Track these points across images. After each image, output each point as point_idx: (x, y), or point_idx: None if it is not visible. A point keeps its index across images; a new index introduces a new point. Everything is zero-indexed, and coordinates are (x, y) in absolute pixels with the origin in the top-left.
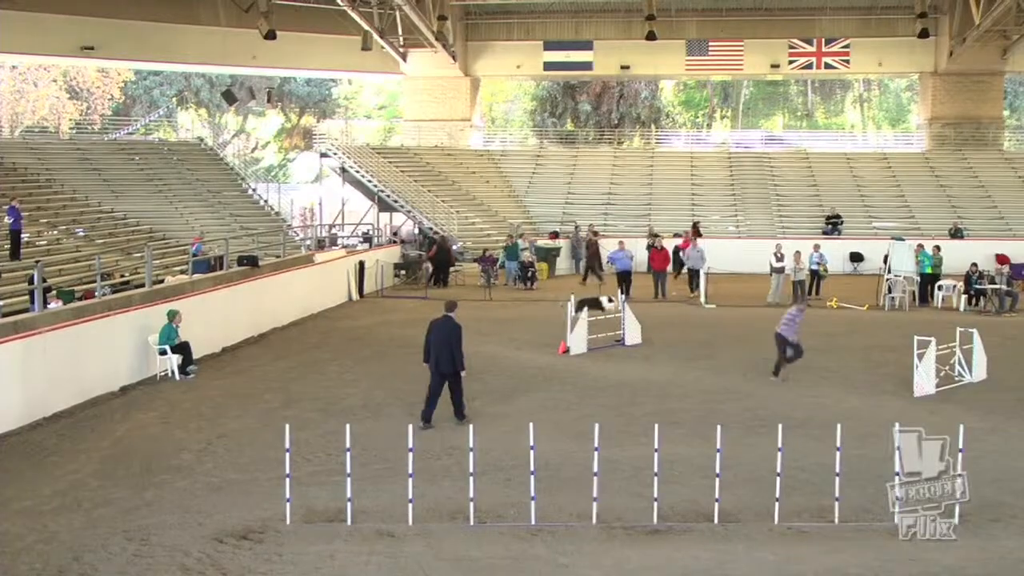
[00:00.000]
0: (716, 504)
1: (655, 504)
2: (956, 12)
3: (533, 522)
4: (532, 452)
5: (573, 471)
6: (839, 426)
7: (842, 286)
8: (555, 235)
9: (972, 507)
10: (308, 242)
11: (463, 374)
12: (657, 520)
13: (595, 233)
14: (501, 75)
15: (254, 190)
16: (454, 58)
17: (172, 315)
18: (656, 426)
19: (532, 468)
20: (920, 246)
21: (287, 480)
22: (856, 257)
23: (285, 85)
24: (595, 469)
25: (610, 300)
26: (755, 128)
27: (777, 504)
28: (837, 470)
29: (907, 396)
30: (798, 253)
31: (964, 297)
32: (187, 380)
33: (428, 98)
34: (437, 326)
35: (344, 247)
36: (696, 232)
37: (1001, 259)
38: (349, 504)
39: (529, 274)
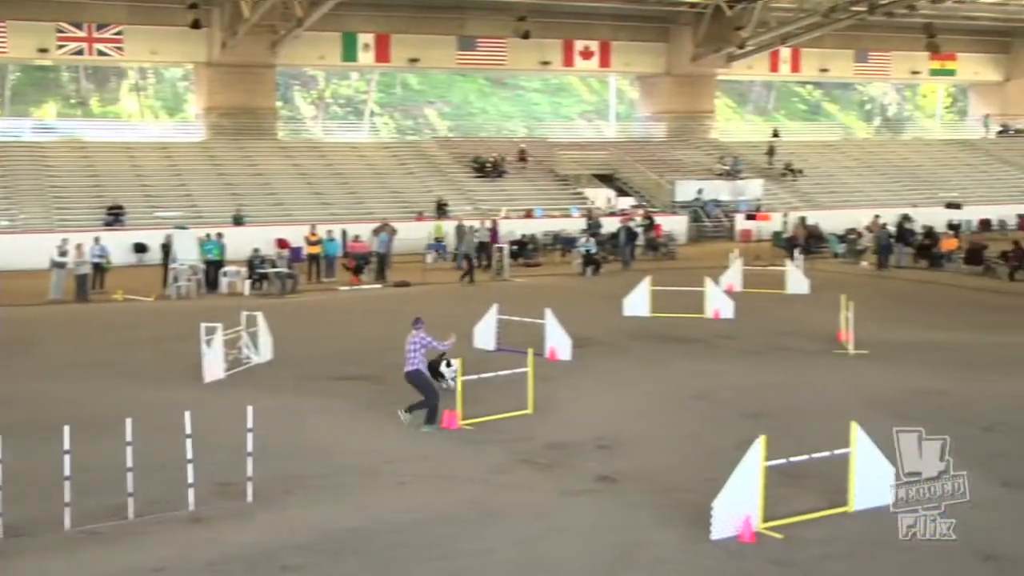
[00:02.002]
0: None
1: None
2: (228, 5)
3: None
4: None
5: None
6: (129, 420)
7: (128, 277)
8: None
9: (266, 482)
10: None
11: None
12: None
13: None
14: None
15: None
16: None
17: None
18: None
19: None
20: (208, 235)
21: None
22: (140, 248)
23: None
24: None
25: (448, 364)
26: (25, 116)
27: (68, 510)
28: (129, 465)
29: (198, 383)
30: (79, 246)
31: (248, 282)
32: None
33: None
34: None
35: None
36: None
37: (281, 243)
38: None
39: None
